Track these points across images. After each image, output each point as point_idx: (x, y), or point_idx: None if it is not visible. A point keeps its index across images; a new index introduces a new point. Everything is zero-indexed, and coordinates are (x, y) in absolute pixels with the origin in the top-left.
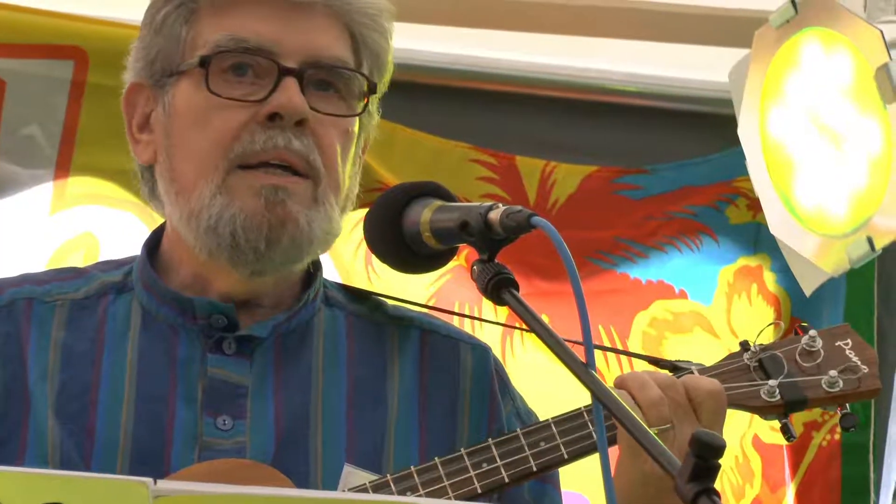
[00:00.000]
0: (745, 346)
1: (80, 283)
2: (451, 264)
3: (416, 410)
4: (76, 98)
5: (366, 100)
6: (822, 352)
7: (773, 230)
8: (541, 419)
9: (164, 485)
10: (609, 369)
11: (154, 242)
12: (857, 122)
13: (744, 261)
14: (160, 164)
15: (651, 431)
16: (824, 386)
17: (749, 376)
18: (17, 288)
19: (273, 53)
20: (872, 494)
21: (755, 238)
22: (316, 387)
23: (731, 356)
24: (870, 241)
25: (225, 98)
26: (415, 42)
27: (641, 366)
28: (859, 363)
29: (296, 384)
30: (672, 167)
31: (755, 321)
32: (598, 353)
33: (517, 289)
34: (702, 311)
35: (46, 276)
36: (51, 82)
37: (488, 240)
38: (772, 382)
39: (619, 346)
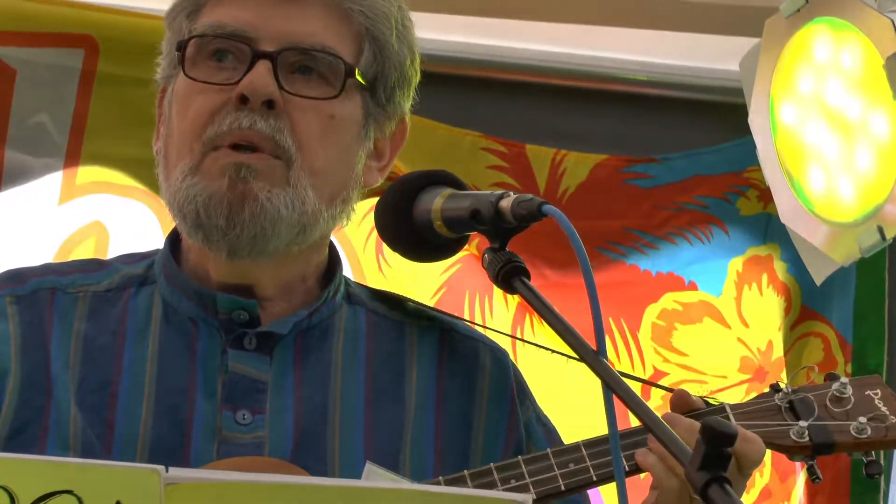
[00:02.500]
0: (776, 387)
1: (102, 276)
2: (461, 253)
3: (433, 409)
4: (86, 87)
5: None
6: (852, 399)
7: (783, 219)
8: (552, 410)
9: (176, 472)
10: (619, 361)
11: (177, 235)
12: (867, 111)
13: (753, 250)
14: (160, 151)
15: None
16: (853, 432)
17: (779, 416)
18: (40, 278)
19: (249, 38)
20: (882, 483)
21: (765, 228)
22: (335, 384)
23: (763, 396)
24: (880, 230)
25: (202, 82)
26: (425, 31)
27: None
28: (888, 413)
29: (315, 381)
30: (682, 156)
31: (765, 311)
32: (607, 343)
33: (528, 277)
34: (711, 300)
35: (69, 268)
36: (61, 71)
37: (499, 228)
38: (802, 423)
39: (630, 338)
